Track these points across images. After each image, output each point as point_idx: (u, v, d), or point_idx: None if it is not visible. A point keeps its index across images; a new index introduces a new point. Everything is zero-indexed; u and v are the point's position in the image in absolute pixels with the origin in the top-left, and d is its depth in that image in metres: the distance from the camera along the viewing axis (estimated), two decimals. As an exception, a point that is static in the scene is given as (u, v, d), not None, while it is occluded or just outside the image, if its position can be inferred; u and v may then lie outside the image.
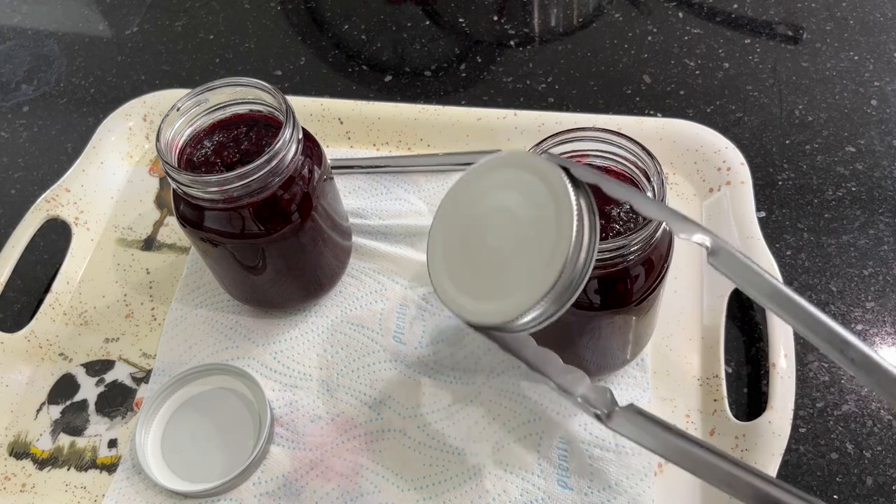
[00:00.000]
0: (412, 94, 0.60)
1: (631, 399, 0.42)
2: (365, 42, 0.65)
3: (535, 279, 0.29)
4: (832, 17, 0.61)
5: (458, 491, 0.40)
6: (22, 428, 0.45)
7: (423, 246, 0.49)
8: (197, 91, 0.41)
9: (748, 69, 0.59)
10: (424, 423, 0.43)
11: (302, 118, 0.45)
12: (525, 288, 0.29)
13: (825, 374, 0.44)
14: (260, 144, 0.41)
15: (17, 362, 0.46)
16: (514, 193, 0.31)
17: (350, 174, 0.53)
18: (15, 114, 0.63)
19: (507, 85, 0.60)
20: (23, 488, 0.43)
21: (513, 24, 0.65)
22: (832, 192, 0.51)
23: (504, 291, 0.30)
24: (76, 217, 0.52)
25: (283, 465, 0.42)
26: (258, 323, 0.47)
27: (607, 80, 0.59)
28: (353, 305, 0.47)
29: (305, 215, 0.40)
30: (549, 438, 0.41)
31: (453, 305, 0.32)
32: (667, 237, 0.36)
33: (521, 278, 0.30)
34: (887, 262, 0.48)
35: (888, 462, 0.40)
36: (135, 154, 0.56)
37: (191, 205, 0.40)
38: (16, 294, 0.51)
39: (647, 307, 0.37)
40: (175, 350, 0.46)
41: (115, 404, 0.45)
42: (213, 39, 0.66)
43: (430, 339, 0.46)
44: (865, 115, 0.55)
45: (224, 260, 0.42)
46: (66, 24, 0.70)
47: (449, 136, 0.54)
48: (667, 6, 0.64)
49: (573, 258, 0.29)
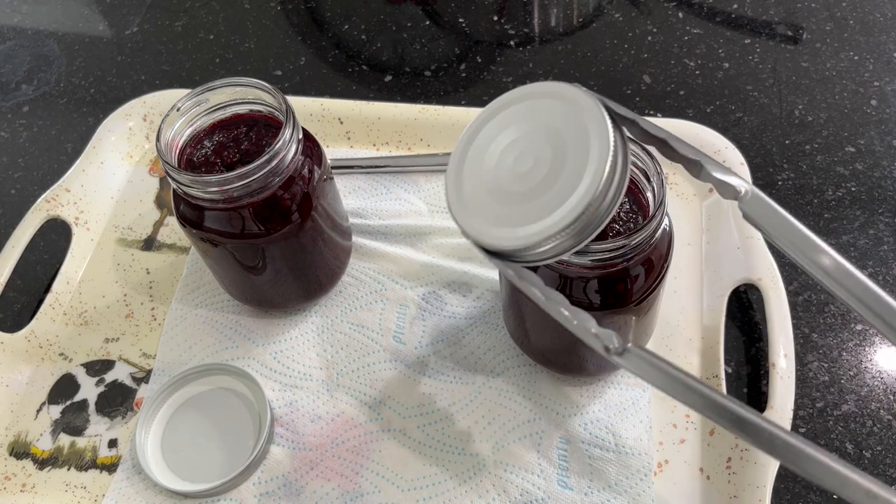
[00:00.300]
0: (412, 94, 0.60)
1: (631, 399, 0.42)
2: (365, 42, 0.65)
3: (559, 209, 0.28)
4: (832, 17, 0.61)
5: (458, 491, 0.40)
6: (22, 428, 0.45)
7: (423, 246, 0.49)
8: (197, 91, 0.41)
9: (748, 69, 0.59)
10: (424, 423, 0.43)
11: (302, 118, 0.46)
12: (548, 217, 0.28)
13: (825, 374, 0.44)
14: (260, 144, 0.41)
15: (17, 362, 0.46)
16: (548, 122, 0.30)
17: (350, 174, 0.53)
18: (15, 114, 0.63)
19: (507, 85, 0.60)
20: (23, 488, 0.43)
21: (513, 24, 0.65)
22: (832, 192, 0.51)
23: (525, 218, 0.29)
24: (76, 217, 0.52)
25: (283, 465, 0.42)
26: (258, 323, 0.47)
27: (607, 80, 0.59)
28: (353, 305, 0.47)
29: (305, 215, 0.40)
30: (549, 438, 0.41)
31: (471, 230, 0.31)
32: (666, 237, 0.36)
33: (544, 207, 0.29)
34: (887, 262, 0.48)
35: (888, 462, 0.41)
36: (135, 154, 0.56)
37: (191, 205, 0.40)
38: (16, 294, 0.51)
39: (647, 307, 0.37)
40: (175, 350, 0.46)
41: (116, 404, 0.45)
42: (213, 39, 0.66)
43: (430, 339, 0.46)
44: (865, 115, 0.55)
45: (224, 260, 0.42)
46: (66, 24, 0.70)
47: (449, 136, 0.54)
48: (667, 6, 0.64)
49: (601, 194, 0.28)
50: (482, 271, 0.47)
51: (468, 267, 0.48)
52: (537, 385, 0.43)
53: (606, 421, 0.41)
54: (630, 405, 0.42)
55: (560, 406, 0.42)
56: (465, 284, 0.47)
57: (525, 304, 0.38)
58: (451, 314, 0.46)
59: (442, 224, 0.50)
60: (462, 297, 0.47)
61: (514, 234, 0.29)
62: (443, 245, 0.49)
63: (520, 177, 0.30)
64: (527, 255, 0.30)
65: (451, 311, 0.46)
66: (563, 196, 0.28)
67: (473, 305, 0.47)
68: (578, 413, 0.42)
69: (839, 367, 0.44)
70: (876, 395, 0.43)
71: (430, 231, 0.49)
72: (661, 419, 0.42)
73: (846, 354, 0.44)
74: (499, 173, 0.31)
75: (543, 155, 0.30)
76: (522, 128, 0.31)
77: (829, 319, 0.46)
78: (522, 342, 0.43)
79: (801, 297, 0.47)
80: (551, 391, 0.43)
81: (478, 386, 0.44)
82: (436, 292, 0.47)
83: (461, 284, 0.47)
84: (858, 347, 0.45)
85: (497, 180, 0.31)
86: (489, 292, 0.47)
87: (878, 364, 0.44)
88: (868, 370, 0.44)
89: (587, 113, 0.30)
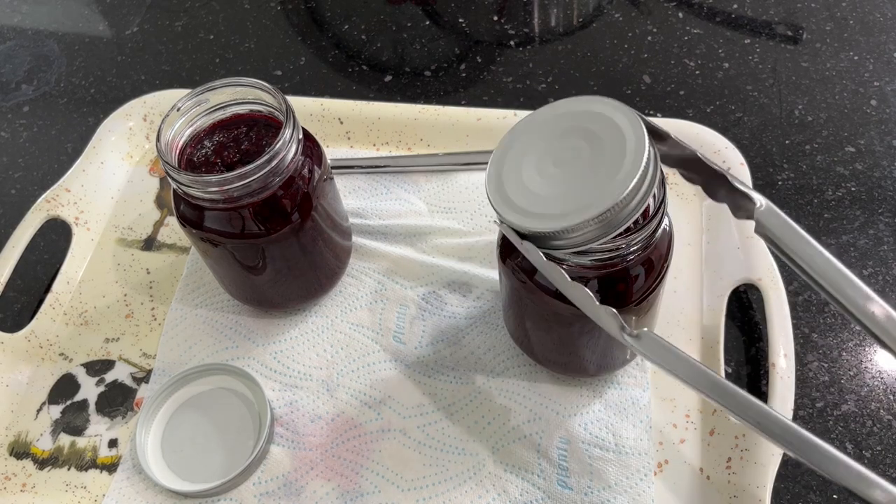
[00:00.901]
0: (412, 94, 0.60)
1: (631, 399, 0.42)
2: (365, 42, 0.65)
3: (590, 203, 0.31)
4: (832, 18, 0.61)
5: (458, 491, 0.40)
6: (22, 428, 0.45)
7: (423, 246, 0.49)
8: (197, 91, 0.41)
9: (748, 69, 0.59)
10: (424, 423, 0.43)
11: (302, 118, 0.46)
12: (579, 208, 0.31)
13: (825, 374, 0.44)
14: (260, 144, 0.41)
15: (17, 362, 0.46)
16: (592, 127, 0.34)
17: (350, 174, 0.53)
18: (15, 114, 0.63)
19: (507, 85, 0.60)
20: (23, 488, 0.43)
21: (513, 24, 0.65)
22: (832, 192, 0.51)
23: (556, 206, 0.32)
24: (76, 217, 0.52)
25: (283, 465, 0.42)
26: (258, 323, 0.47)
27: (607, 80, 0.59)
28: (353, 305, 0.47)
29: (305, 215, 0.40)
30: (549, 438, 0.41)
31: (505, 212, 0.33)
32: (666, 237, 0.36)
33: (576, 199, 0.32)
34: (887, 262, 0.48)
35: (888, 462, 0.41)
36: (135, 154, 0.56)
37: (191, 205, 0.40)
38: (16, 294, 0.51)
39: (646, 307, 0.37)
40: (175, 350, 0.46)
41: (116, 404, 0.45)
42: (214, 39, 0.66)
43: (430, 339, 0.46)
44: (865, 115, 0.55)
45: (224, 260, 0.42)
46: (66, 24, 0.70)
47: (449, 136, 0.54)
48: (667, 6, 0.64)
49: (629, 197, 0.31)
50: (482, 271, 0.47)
51: (468, 267, 0.48)
52: (537, 385, 0.43)
53: (606, 421, 0.41)
54: (630, 405, 0.42)
55: (560, 406, 0.42)
56: (465, 284, 0.47)
57: (525, 304, 0.38)
58: (451, 314, 0.46)
59: (442, 224, 0.50)
60: (462, 297, 0.47)
61: (544, 219, 0.32)
62: (443, 245, 0.49)
63: (559, 171, 0.33)
64: (555, 239, 0.32)
65: (451, 311, 0.47)
66: (594, 194, 0.31)
67: (473, 305, 0.47)
68: (578, 413, 0.42)
69: (839, 367, 0.44)
70: (876, 395, 0.43)
71: (430, 231, 0.49)
72: (661, 419, 0.42)
73: (846, 354, 0.44)
74: (538, 164, 0.34)
75: (581, 153, 0.33)
76: (570, 128, 0.34)
77: (829, 319, 0.46)
78: (522, 342, 0.43)
79: (801, 297, 0.47)
80: (551, 391, 0.43)
81: (478, 386, 0.44)
82: (436, 292, 0.47)
83: (461, 284, 0.47)
84: (858, 347, 0.45)
85: (537, 170, 0.34)
86: (489, 292, 0.47)
87: (877, 364, 0.44)
88: (868, 370, 0.44)
89: (624, 120, 0.33)
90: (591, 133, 0.33)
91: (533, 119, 0.36)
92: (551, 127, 0.35)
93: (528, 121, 0.36)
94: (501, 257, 0.37)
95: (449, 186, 0.52)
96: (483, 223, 0.50)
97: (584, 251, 0.32)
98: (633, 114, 0.33)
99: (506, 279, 0.38)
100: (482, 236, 0.49)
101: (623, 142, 0.32)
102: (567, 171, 0.33)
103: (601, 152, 0.32)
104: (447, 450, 0.42)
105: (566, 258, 0.33)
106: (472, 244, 0.49)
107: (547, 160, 0.34)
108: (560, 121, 0.35)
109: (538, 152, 0.34)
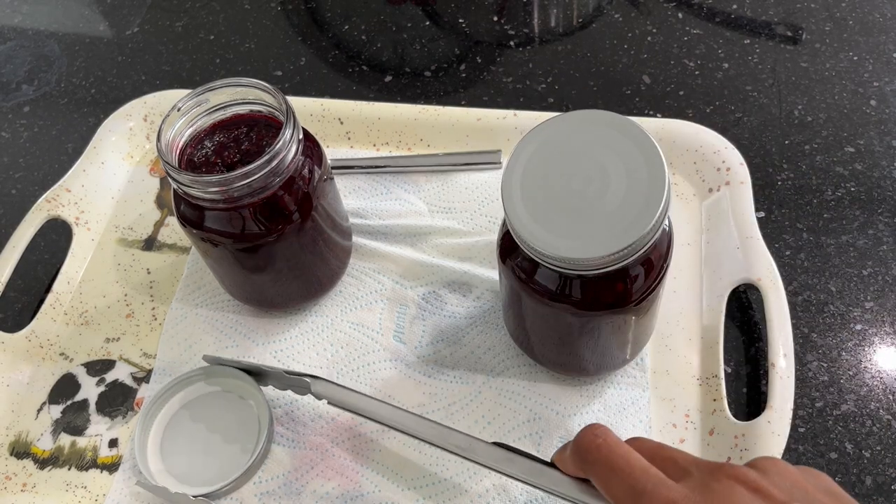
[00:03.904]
0: (412, 95, 0.60)
1: (631, 399, 0.42)
2: (365, 42, 0.65)
3: (610, 231, 0.32)
4: (831, 18, 0.61)
5: (458, 491, 0.40)
6: (23, 428, 0.45)
7: (423, 246, 0.49)
8: (197, 91, 0.41)
9: (748, 69, 0.59)
10: (424, 423, 0.43)
11: (302, 118, 0.46)
12: (598, 235, 0.32)
13: (824, 374, 0.44)
14: (260, 145, 0.41)
15: (17, 362, 0.47)
16: (608, 150, 0.34)
17: (350, 174, 0.53)
18: (15, 114, 0.63)
19: (507, 85, 0.60)
20: (23, 488, 0.43)
21: (513, 24, 0.65)
22: (831, 192, 0.51)
23: (576, 233, 0.32)
24: (77, 217, 0.52)
25: (283, 465, 0.42)
26: (258, 323, 0.47)
27: (607, 80, 0.59)
28: (353, 305, 0.47)
29: (305, 215, 0.40)
30: (549, 438, 0.41)
31: (526, 234, 0.33)
32: (666, 237, 0.36)
33: (596, 226, 0.32)
34: (886, 262, 0.48)
35: (887, 462, 0.41)
36: (135, 154, 0.56)
37: (191, 205, 0.40)
38: (16, 294, 0.51)
39: (646, 307, 0.37)
40: (175, 350, 0.47)
41: (116, 404, 0.45)
42: (214, 40, 0.67)
43: (430, 339, 0.46)
44: (864, 115, 0.55)
45: (224, 260, 0.42)
46: (67, 25, 0.70)
47: (449, 136, 0.54)
48: (667, 6, 0.64)
49: (653, 229, 0.32)
50: (482, 271, 0.47)
51: (468, 267, 0.48)
52: (537, 385, 0.43)
53: (606, 421, 0.42)
54: (630, 405, 0.42)
55: (560, 406, 0.42)
56: (465, 284, 0.47)
57: (525, 305, 0.38)
58: (451, 314, 0.46)
59: (442, 224, 0.50)
60: (462, 297, 0.47)
61: (565, 245, 0.33)
62: (443, 245, 0.49)
63: (577, 195, 0.33)
64: (572, 263, 0.33)
65: (451, 310, 0.47)
66: (615, 221, 0.32)
67: (473, 305, 0.47)
68: (578, 413, 0.42)
69: (838, 367, 0.44)
70: (875, 394, 0.43)
71: (430, 231, 0.49)
72: (661, 419, 0.42)
73: (845, 354, 0.44)
74: (556, 186, 0.34)
75: (598, 183, 0.33)
76: (586, 149, 0.34)
77: (828, 319, 0.46)
78: (522, 342, 0.43)
79: (801, 297, 0.47)
80: (551, 391, 0.43)
81: (478, 386, 0.44)
82: (436, 292, 0.47)
83: (461, 284, 0.47)
84: (858, 347, 0.45)
85: (555, 193, 0.34)
86: (489, 292, 0.47)
87: (877, 364, 0.44)
88: (867, 370, 0.44)
89: (646, 152, 0.33)
90: (606, 152, 0.34)
91: (542, 136, 0.35)
92: (563, 148, 0.35)
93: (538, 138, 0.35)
94: (501, 257, 0.37)
95: (449, 186, 0.52)
96: (483, 223, 0.50)
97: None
98: (646, 137, 0.33)
99: (506, 279, 0.38)
100: (482, 236, 0.49)
101: (640, 169, 0.33)
102: (583, 196, 0.33)
103: (619, 179, 0.33)
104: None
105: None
106: (472, 244, 0.49)
107: (560, 182, 0.34)
108: (573, 139, 0.34)
109: (552, 171, 0.34)
